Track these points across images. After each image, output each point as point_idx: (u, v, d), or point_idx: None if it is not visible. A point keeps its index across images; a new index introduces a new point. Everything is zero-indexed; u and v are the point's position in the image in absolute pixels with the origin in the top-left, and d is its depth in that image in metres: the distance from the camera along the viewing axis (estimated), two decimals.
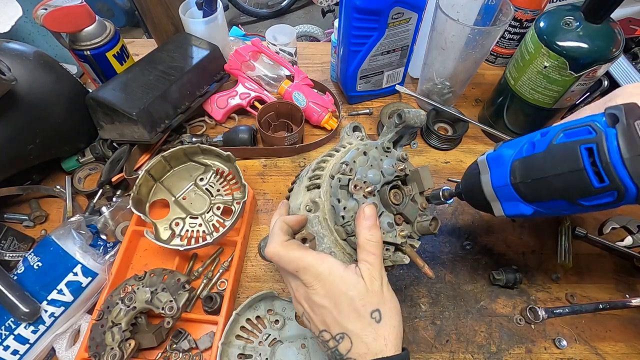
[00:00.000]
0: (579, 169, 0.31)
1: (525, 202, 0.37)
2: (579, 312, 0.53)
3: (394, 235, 0.37)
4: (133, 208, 0.53)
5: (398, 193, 0.40)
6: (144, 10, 0.73)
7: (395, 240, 0.37)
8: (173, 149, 0.57)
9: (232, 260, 0.54)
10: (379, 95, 0.78)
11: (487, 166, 0.41)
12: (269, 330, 0.50)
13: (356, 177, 0.38)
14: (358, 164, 0.39)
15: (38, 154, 0.58)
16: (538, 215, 0.38)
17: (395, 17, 0.60)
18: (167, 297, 0.48)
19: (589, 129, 0.32)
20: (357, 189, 0.37)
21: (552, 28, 0.54)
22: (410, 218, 0.39)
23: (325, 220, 0.38)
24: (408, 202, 0.40)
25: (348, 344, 0.33)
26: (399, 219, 0.39)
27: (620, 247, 0.58)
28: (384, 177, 0.39)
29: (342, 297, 0.33)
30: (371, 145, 0.42)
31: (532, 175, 0.35)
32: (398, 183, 0.41)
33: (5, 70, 0.50)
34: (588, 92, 0.71)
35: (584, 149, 0.31)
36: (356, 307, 0.33)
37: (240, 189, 0.57)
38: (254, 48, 0.74)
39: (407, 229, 0.40)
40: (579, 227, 0.59)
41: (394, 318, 0.34)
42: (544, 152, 0.35)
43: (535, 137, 0.37)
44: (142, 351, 0.49)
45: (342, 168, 0.38)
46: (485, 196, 0.41)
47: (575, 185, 0.32)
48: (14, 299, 0.46)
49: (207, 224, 0.56)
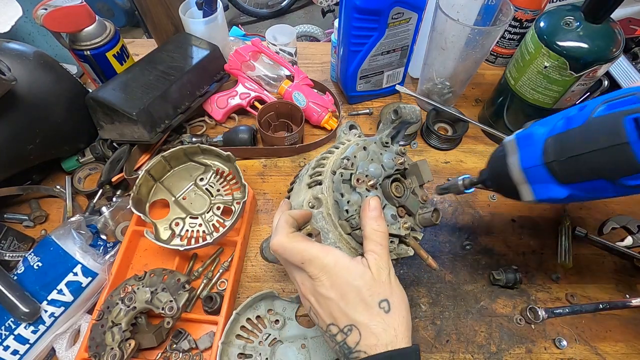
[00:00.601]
0: (622, 142, 0.28)
1: (559, 183, 0.34)
2: (579, 312, 0.52)
3: (398, 227, 0.38)
4: (133, 208, 0.53)
5: (399, 186, 0.41)
6: (144, 10, 0.73)
7: (399, 232, 0.38)
8: (173, 149, 0.57)
9: (232, 261, 0.54)
10: (379, 95, 0.78)
11: (516, 146, 0.38)
12: (269, 330, 0.50)
13: (358, 171, 0.38)
14: (359, 159, 0.39)
15: (38, 154, 0.58)
16: (572, 199, 0.35)
17: (395, 17, 0.60)
18: (167, 297, 0.48)
19: (636, 98, 0.28)
20: (359, 182, 0.38)
21: (552, 28, 0.54)
22: (412, 210, 0.40)
23: (329, 216, 0.38)
24: (409, 194, 0.41)
25: (357, 335, 0.32)
26: (401, 212, 0.40)
27: (620, 247, 0.58)
28: (384, 170, 0.40)
29: (348, 287, 0.32)
30: (370, 140, 0.42)
31: (568, 152, 0.32)
32: (398, 176, 0.41)
33: (5, 70, 0.50)
34: (588, 92, 0.71)
35: (629, 120, 0.28)
36: (363, 297, 0.32)
37: (240, 189, 0.57)
38: (254, 48, 0.74)
39: (410, 221, 0.40)
40: (579, 227, 0.59)
41: (402, 309, 0.33)
42: (582, 126, 0.31)
43: (572, 112, 0.34)
44: (142, 351, 0.49)
45: (343, 163, 0.38)
46: (513, 179, 0.38)
47: (618, 161, 0.29)
48: (14, 299, 0.46)
49: (207, 224, 0.56)
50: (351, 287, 0.32)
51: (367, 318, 0.32)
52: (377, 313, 0.32)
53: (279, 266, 0.57)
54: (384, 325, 0.32)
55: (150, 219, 0.55)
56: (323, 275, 0.33)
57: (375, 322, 0.32)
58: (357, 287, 0.32)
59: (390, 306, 0.33)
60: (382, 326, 0.32)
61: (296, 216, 0.37)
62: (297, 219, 0.37)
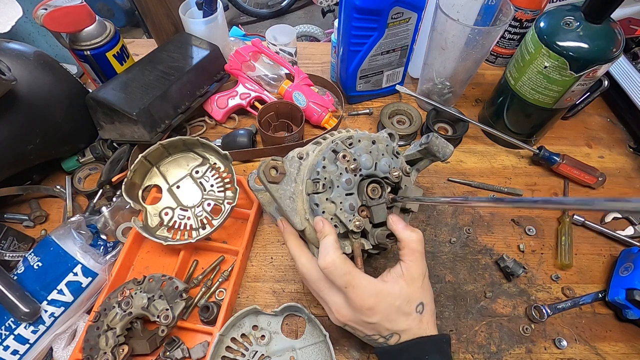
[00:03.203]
0: None
1: None
2: (580, 304, 0.54)
3: (350, 219, 0.38)
4: (125, 193, 0.53)
5: (377, 189, 0.40)
6: (144, 10, 0.73)
7: (347, 225, 0.38)
8: (172, 139, 0.57)
9: (232, 270, 0.54)
10: (379, 95, 0.78)
11: None
12: (256, 347, 0.49)
13: (350, 151, 0.40)
14: (361, 145, 0.41)
15: (38, 154, 0.58)
16: None
17: (395, 17, 0.60)
18: (164, 305, 0.47)
19: None
20: (344, 159, 0.39)
21: (553, 28, 0.54)
22: (373, 218, 0.40)
23: (303, 169, 0.40)
24: (382, 205, 0.40)
25: (397, 337, 0.37)
26: (362, 213, 0.40)
27: (620, 235, 0.58)
28: (374, 169, 0.40)
29: (390, 309, 0.36)
30: (384, 141, 0.43)
31: None
32: (383, 183, 0.41)
33: (5, 70, 0.50)
34: (588, 92, 0.71)
35: None
36: (404, 311, 0.36)
37: (233, 189, 0.57)
38: (254, 48, 0.74)
39: (366, 225, 0.40)
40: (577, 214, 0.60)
41: (431, 303, 0.39)
42: None
43: None
44: (135, 357, 0.48)
45: (344, 138, 0.41)
46: None
47: None
48: (14, 299, 0.46)
49: (196, 218, 0.56)
50: (392, 308, 0.36)
51: (407, 324, 0.37)
52: (415, 317, 0.37)
53: (279, 266, 0.57)
54: (419, 323, 0.37)
55: (141, 204, 0.55)
56: (366, 305, 0.36)
57: (413, 325, 0.37)
58: (397, 307, 0.36)
59: (424, 307, 0.38)
60: (418, 325, 0.37)
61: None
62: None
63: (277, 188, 0.39)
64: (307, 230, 0.40)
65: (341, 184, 0.38)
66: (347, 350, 0.50)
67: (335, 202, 0.38)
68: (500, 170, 0.68)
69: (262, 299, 0.54)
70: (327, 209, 0.38)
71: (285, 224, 0.42)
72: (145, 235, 0.52)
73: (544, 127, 0.67)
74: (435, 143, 0.44)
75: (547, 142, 0.71)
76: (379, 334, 0.37)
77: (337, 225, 0.38)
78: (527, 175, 0.68)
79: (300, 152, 0.42)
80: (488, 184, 0.66)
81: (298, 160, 0.41)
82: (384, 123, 0.70)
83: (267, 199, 0.49)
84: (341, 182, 0.39)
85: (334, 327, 0.40)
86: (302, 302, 0.53)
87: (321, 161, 0.39)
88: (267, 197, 0.49)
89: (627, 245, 0.59)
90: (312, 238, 0.40)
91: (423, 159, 0.47)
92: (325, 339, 0.47)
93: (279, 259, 0.58)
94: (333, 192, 0.38)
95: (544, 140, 0.72)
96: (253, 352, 0.49)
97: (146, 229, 0.53)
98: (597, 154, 0.72)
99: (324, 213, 0.38)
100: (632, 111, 0.72)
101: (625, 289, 0.50)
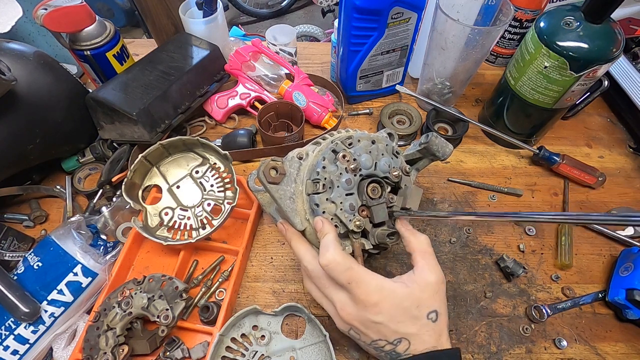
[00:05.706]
0: None
1: None
2: (580, 304, 0.53)
3: (350, 219, 0.38)
4: (125, 193, 0.52)
5: (377, 189, 0.40)
6: (144, 10, 0.73)
7: (347, 224, 0.38)
8: (172, 139, 0.57)
9: (232, 270, 0.54)
10: (379, 95, 0.78)
11: None
12: (256, 347, 0.49)
13: (350, 151, 0.40)
14: (361, 144, 0.40)
15: (38, 154, 0.58)
16: None
17: (394, 17, 0.60)
18: (164, 305, 0.47)
19: None
20: (344, 159, 0.39)
21: (553, 28, 0.54)
22: (373, 218, 0.39)
23: (303, 169, 0.40)
24: (382, 205, 0.40)
25: (406, 344, 0.34)
26: (363, 212, 0.40)
27: (620, 236, 0.58)
28: (374, 169, 0.40)
29: (397, 310, 0.34)
30: (384, 140, 0.43)
31: None
32: (383, 183, 0.41)
33: (5, 70, 0.50)
34: (588, 92, 0.71)
35: None
36: (412, 314, 0.34)
37: (233, 189, 0.57)
38: (254, 48, 0.74)
39: (366, 225, 0.40)
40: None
41: (446, 315, 0.36)
42: None
43: None
44: (134, 357, 0.48)
45: (344, 138, 0.41)
46: None
47: None
48: (14, 299, 0.46)
49: (196, 218, 0.56)
50: (400, 308, 0.34)
51: (417, 329, 0.34)
52: (425, 324, 0.35)
53: (279, 266, 0.57)
54: (431, 332, 0.35)
55: (141, 204, 0.55)
56: (370, 301, 0.34)
57: (424, 331, 0.34)
58: (405, 308, 0.34)
59: (438, 316, 0.35)
60: (429, 333, 0.34)
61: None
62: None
63: (277, 189, 0.39)
64: (307, 230, 0.40)
65: (341, 184, 0.39)
66: (347, 350, 0.50)
67: (336, 202, 0.38)
68: (500, 170, 0.68)
69: (262, 299, 0.54)
70: (327, 209, 0.38)
71: (286, 226, 0.42)
72: (145, 235, 0.52)
73: (544, 127, 0.68)
74: (435, 142, 0.44)
75: (547, 142, 0.71)
76: (385, 339, 0.35)
77: (337, 225, 0.38)
78: (527, 175, 0.68)
79: (300, 153, 0.41)
80: (488, 184, 0.66)
81: (298, 161, 0.41)
82: (384, 123, 0.70)
83: (267, 200, 0.49)
84: (341, 182, 0.39)
85: (334, 327, 0.39)
86: (302, 302, 0.53)
87: (321, 161, 0.39)
88: (267, 198, 0.49)
89: (627, 245, 0.59)
90: (313, 238, 0.40)
91: (423, 158, 0.47)
92: (325, 339, 0.47)
93: (279, 259, 0.58)
94: (333, 192, 0.38)
95: (544, 140, 0.72)
96: (253, 352, 0.48)
97: (146, 229, 0.53)
98: (597, 154, 0.72)
99: (324, 213, 0.38)
100: (632, 111, 0.72)
101: (625, 289, 0.50)
